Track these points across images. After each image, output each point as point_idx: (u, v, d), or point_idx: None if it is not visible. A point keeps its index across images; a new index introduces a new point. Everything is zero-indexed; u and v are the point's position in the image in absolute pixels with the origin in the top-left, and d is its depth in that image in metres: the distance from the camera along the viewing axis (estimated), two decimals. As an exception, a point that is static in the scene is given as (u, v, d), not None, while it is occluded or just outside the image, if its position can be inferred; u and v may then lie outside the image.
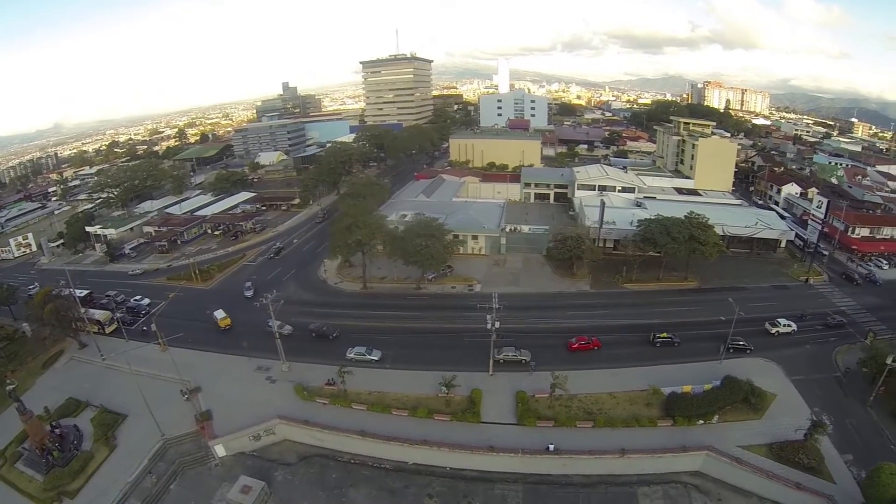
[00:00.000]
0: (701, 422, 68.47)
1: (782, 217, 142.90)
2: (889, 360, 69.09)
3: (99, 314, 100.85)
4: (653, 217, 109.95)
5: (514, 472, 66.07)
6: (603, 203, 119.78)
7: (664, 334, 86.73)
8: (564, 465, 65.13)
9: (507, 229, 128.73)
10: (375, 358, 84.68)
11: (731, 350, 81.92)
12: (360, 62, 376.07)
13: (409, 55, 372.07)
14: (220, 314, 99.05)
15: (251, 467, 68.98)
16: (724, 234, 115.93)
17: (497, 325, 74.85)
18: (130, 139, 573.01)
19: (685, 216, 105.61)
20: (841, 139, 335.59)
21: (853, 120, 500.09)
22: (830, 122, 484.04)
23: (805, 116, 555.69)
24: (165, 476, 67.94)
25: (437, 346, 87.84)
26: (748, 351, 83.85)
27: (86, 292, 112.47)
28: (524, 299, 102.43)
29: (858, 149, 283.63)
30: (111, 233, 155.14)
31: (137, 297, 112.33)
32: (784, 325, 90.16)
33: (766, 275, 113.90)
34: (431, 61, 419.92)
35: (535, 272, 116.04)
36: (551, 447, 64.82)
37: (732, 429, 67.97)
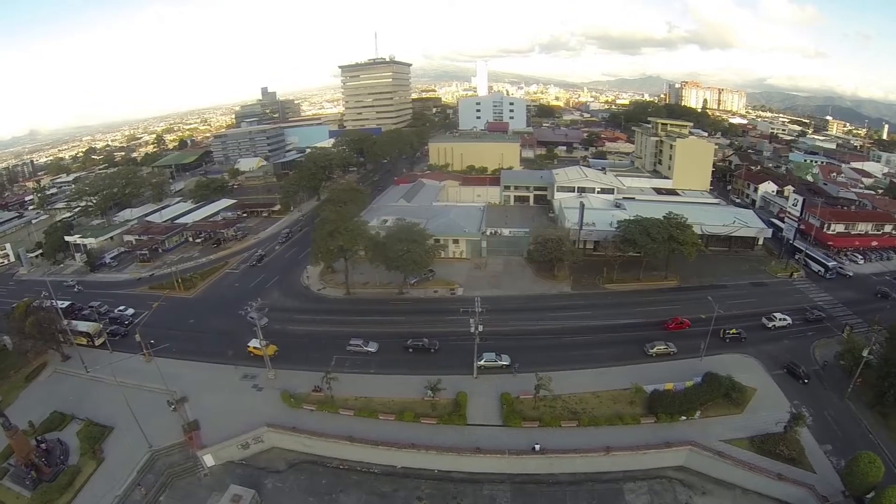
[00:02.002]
0: (683, 418, 70.00)
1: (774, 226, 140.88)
2: (865, 353, 71.61)
3: (87, 326, 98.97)
4: (632, 218, 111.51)
5: (502, 473, 66.81)
6: (582, 205, 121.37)
7: (734, 330, 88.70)
8: (551, 464, 66.10)
9: (488, 232, 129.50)
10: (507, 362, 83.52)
11: (728, 340, 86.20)
12: (339, 66, 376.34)
13: (387, 59, 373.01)
14: (255, 343, 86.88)
15: (241, 476, 68.91)
16: (702, 233, 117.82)
17: (480, 328, 75.73)
18: (108, 146, 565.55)
19: (664, 216, 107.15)
20: (816, 137, 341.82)
21: (828, 118, 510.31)
22: (806, 121, 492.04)
23: (781, 115, 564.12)
24: (154, 488, 67.53)
25: (421, 350, 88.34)
26: (743, 339, 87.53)
27: (67, 303, 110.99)
28: (506, 302, 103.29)
29: (833, 146, 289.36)
30: (91, 242, 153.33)
31: (121, 308, 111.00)
32: (780, 320, 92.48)
33: (744, 272, 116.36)
34: (410, 65, 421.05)
35: (516, 275, 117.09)
36: (537, 447, 65.72)
37: (714, 424, 69.59)
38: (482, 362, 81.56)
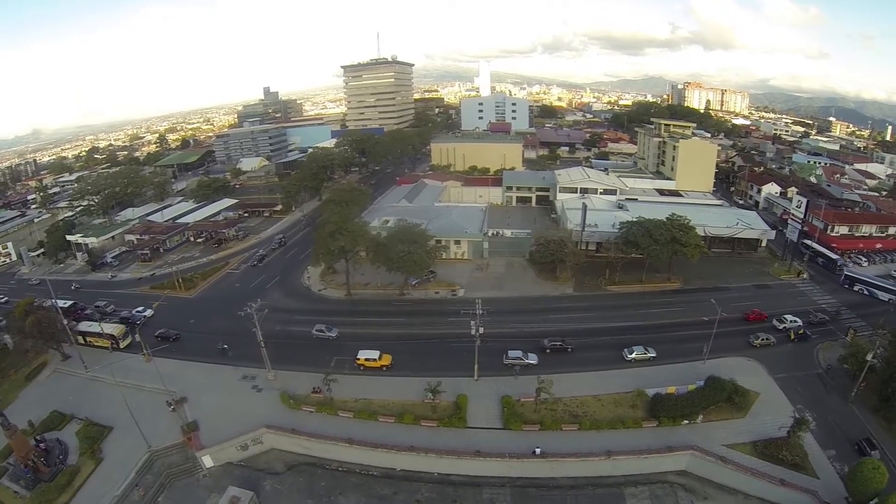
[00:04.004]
0: (686, 422, 69.41)
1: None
2: (869, 357, 70.84)
3: (111, 328, 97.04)
4: (635, 219, 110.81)
5: (502, 476, 66.48)
6: (585, 206, 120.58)
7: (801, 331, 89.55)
8: (551, 468, 65.59)
9: (490, 233, 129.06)
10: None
11: (758, 346, 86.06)
12: (342, 66, 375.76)
13: (390, 59, 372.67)
14: (369, 354, 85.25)
15: (239, 477, 68.80)
16: (705, 234, 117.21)
17: (481, 330, 75.27)
18: (111, 145, 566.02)
19: (667, 218, 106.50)
20: (819, 138, 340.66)
21: (831, 119, 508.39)
22: (809, 122, 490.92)
23: (784, 116, 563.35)
24: (153, 488, 67.46)
25: (421, 352, 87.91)
26: (808, 336, 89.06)
27: (70, 303, 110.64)
28: (508, 303, 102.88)
29: (836, 147, 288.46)
30: (92, 241, 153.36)
31: (139, 309, 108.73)
32: (791, 322, 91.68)
33: (747, 274, 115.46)
34: (412, 65, 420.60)
35: (518, 276, 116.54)
36: (538, 451, 65.26)
37: (717, 428, 69.04)
38: (509, 361, 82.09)
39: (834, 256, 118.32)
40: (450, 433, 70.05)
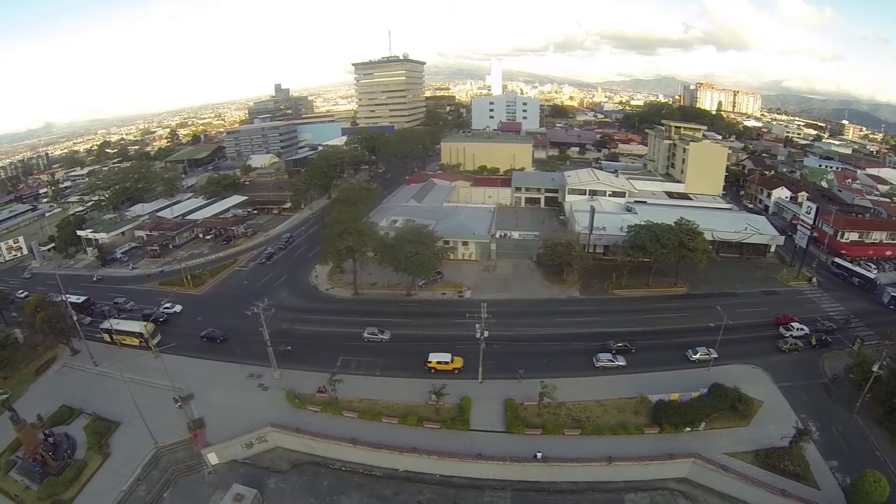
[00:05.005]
0: (688, 429, 69.37)
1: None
2: (875, 367, 70.31)
3: (139, 326, 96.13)
4: (642, 223, 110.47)
5: (503, 480, 66.76)
6: (593, 209, 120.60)
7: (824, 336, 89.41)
8: (552, 472, 65.85)
9: (498, 235, 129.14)
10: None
11: (788, 352, 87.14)
12: (353, 64, 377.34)
13: (401, 57, 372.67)
14: (440, 356, 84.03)
15: (244, 475, 69.47)
16: (713, 238, 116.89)
17: (486, 333, 75.49)
18: (122, 139, 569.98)
19: (675, 222, 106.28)
20: (832, 141, 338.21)
21: (844, 122, 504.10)
22: (821, 124, 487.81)
23: (796, 118, 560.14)
24: (159, 484, 68.31)
25: (426, 354, 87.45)
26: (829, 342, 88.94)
27: (83, 299, 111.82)
28: (514, 305, 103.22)
29: (849, 151, 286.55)
30: (103, 237, 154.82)
31: (167, 305, 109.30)
32: (797, 329, 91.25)
33: (755, 280, 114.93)
34: (424, 63, 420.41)
35: (525, 278, 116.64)
36: (539, 455, 65.46)
37: (719, 436, 68.86)
38: (601, 364, 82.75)
39: (871, 275, 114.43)
40: (453, 435, 70.32)
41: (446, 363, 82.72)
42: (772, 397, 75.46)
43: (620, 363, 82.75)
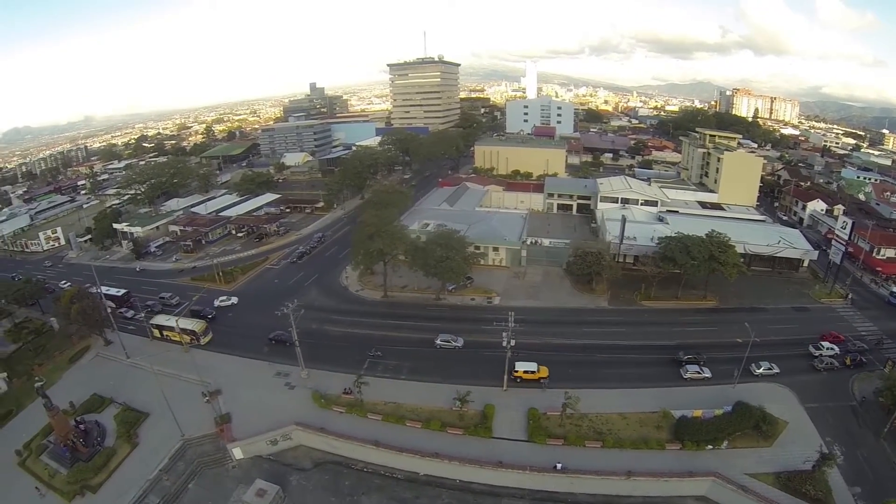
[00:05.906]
0: (710, 447, 68.40)
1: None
2: (905, 392, 68.52)
3: (192, 323, 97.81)
4: (673, 234, 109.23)
5: (522, 488, 66.99)
6: (624, 218, 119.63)
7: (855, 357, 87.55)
8: (571, 483, 65.78)
9: (528, 242, 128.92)
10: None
11: (825, 371, 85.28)
12: (388, 65, 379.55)
13: (436, 58, 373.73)
14: (527, 366, 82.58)
15: (267, 471, 70.96)
16: (745, 251, 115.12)
17: (513, 342, 75.70)
18: (159, 133, 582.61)
19: (706, 235, 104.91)
20: (871, 151, 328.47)
21: (884, 131, 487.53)
22: (861, 133, 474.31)
23: (835, 126, 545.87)
24: (184, 475, 70.30)
25: (453, 359, 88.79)
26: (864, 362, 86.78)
27: (123, 292, 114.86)
28: (542, 314, 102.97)
29: (888, 162, 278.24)
30: (138, 230, 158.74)
31: (223, 298, 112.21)
32: (827, 349, 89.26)
33: (786, 295, 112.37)
34: (459, 65, 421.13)
35: (554, 286, 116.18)
36: (559, 466, 65.49)
37: (741, 455, 67.72)
38: (688, 375, 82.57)
39: None
40: (474, 442, 70.69)
41: (532, 372, 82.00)
42: (797, 418, 73.79)
43: (707, 374, 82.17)
